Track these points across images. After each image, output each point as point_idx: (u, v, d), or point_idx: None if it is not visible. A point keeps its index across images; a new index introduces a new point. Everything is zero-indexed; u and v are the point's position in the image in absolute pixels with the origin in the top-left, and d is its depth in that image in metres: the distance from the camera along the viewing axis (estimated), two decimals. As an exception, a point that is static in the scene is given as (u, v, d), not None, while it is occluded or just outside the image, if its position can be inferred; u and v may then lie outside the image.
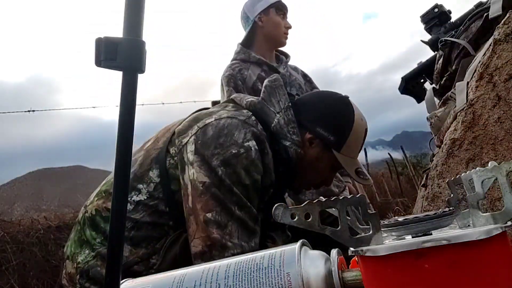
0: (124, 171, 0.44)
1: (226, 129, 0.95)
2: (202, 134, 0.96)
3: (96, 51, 0.44)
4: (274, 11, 1.79)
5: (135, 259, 0.94)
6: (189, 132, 0.98)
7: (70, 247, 1.03)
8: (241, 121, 0.98)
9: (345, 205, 0.37)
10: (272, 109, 1.04)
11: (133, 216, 0.96)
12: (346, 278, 0.40)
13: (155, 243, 0.96)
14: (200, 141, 0.94)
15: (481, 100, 0.77)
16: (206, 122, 0.98)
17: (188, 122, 1.02)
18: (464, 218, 0.41)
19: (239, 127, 0.96)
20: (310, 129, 1.04)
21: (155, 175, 0.98)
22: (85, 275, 0.96)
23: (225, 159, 0.91)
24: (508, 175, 0.36)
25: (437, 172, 0.83)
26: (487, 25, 0.95)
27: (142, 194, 0.97)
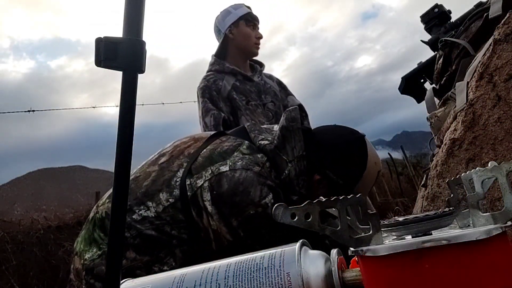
0: (124, 171, 0.44)
1: (242, 185, 0.93)
2: (217, 184, 0.95)
3: (96, 51, 0.44)
4: (243, 23, 1.86)
5: (138, 264, 0.95)
6: (203, 174, 0.97)
7: (80, 244, 1.04)
8: (256, 174, 0.96)
9: (345, 205, 0.37)
10: (284, 157, 1.01)
11: (138, 226, 0.97)
12: (346, 278, 0.40)
13: (159, 252, 0.96)
14: (215, 192, 0.94)
15: (481, 100, 0.77)
16: (220, 170, 0.96)
17: (202, 159, 1.00)
18: (464, 218, 0.41)
19: (255, 183, 0.94)
20: (320, 171, 1.03)
21: (164, 198, 0.98)
22: (90, 272, 0.97)
23: (244, 220, 0.92)
24: (508, 175, 0.36)
25: (437, 172, 0.83)
26: (487, 25, 0.95)
27: (150, 211, 0.98)
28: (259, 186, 0.94)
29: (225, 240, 0.94)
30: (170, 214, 0.97)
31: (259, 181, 0.95)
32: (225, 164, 0.97)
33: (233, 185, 0.94)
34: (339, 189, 1.02)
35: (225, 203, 0.92)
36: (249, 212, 0.92)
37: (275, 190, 0.97)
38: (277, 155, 1.01)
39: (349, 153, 1.05)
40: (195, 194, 0.96)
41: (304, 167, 1.01)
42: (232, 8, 1.88)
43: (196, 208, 0.96)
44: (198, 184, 0.97)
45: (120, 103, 0.44)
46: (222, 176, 0.95)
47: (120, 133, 0.44)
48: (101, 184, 18.37)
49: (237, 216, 0.92)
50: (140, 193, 1.00)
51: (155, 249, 0.97)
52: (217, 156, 1.01)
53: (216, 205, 0.93)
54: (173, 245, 0.97)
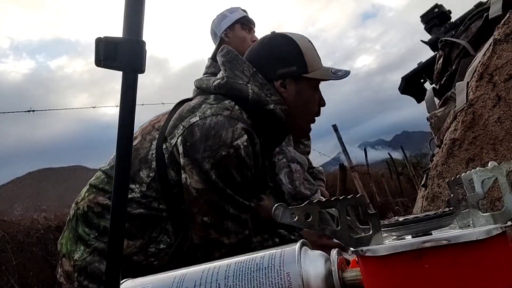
0: (124, 171, 0.44)
1: (213, 129, 0.95)
2: (190, 135, 0.95)
3: (96, 51, 0.44)
4: (239, 26, 1.87)
5: (133, 250, 0.95)
6: (175, 133, 0.98)
7: (65, 245, 1.03)
8: (226, 117, 0.97)
9: (345, 205, 0.37)
10: (240, 82, 1.05)
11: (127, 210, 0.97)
12: (346, 278, 0.40)
13: (151, 232, 0.97)
14: (188, 143, 0.95)
15: (481, 100, 0.77)
16: (191, 121, 0.98)
17: (173, 121, 1.02)
18: (464, 218, 0.41)
19: (226, 126, 0.95)
20: (275, 76, 1.07)
21: (145, 175, 0.98)
22: (83, 272, 0.96)
23: (216, 161, 0.92)
24: (508, 175, 0.36)
25: (437, 172, 0.83)
26: (487, 25, 0.95)
27: (135, 193, 0.98)
28: (231, 128, 0.95)
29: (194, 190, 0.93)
30: (154, 188, 0.97)
31: (230, 123, 0.96)
32: (195, 116, 0.99)
33: (205, 131, 0.95)
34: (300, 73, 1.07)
35: (198, 149, 0.93)
36: (221, 153, 0.92)
37: (248, 131, 0.98)
38: (233, 83, 1.05)
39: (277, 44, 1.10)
40: (172, 153, 0.97)
41: (262, 79, 1.05)
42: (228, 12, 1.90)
43: (175, 167, 0.96)
44: (172, 143, 0.97)
45: (120, 103, 0.44)
46: (193, 126, 0.96)
47: (120, 133, 0.44)
48: (101, 184, 18.35)
49: (209, 158, 0.92)
50: None
51: (147, 230, 0.97)
52: (186, 112, 1.03)
53: (189, 155, 0.94)
54: (163, 220, 0.97)
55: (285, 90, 1.07)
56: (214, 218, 0.93)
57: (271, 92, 1.04)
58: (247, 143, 0.95)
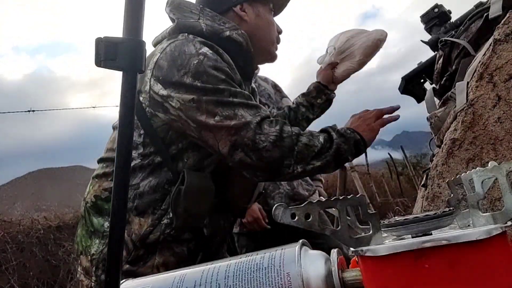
0: (124, 171, 0.44)
1: (176, 51, 0.96)
2: (158, 70, 0.96)
3: (96, 51, 0.44)
4: None
5: (148, 229, 0.94)
6: (146, 79, 0.98)
7: (80, 243, 1.03)
8: (182, 40, 0.99)
9: (345, 205, 0.37)
10: (191, 20, 1.06)
11: (133, 182, 0.97)
12: (346, 278, 0.40)
13: (161, 205, 0.96)
14: (161, 77, 0.95)
15: (481, 100, 0.77)
16: (154, 60, 0.98)
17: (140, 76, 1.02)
18: (464, 218, 0.41)
19: (185, 44, 0.97)
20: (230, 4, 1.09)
21: (137, 135, 0.99)
22: (101, 265, 0.96)
23: (193, 72, 0.93)
24: (508, 175, 0.36)
25: (437, 172, 0.83)
26: (487, 25, 0.95)
27: (134, 158, 0.98)
28: (191, 43, 0.97)
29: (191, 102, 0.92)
30: (149, 144, 0.98)
31: (188, 40, 0.98)
32: (155, 55, 1.00)
33: (169, 56, 0.95)
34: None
35: (172, 73, 0.94)
36: (193, 63, 0.93)
37: (207, 43, 0.99)
38: (185, 22, 1.05)
39: None
40: (151, 96, 0.97)
41: (210, 11, 1.07)
42: None
43: (160, 107, 0.96)
44: (147, 89, 0.97)
45: (120, 103, 0.44)
46: (158, 61, 0.97)
47: (120, 133, 0.44)
48: (101, 184, 18.35)
49: (186, 73, 0.93)
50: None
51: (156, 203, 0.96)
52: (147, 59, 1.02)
53: (167, 83, 0.94)
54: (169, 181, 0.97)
55: (245, 14, 1.10)
56: (223, 112, 0.91)
57: (223, 21, 1.06)
58: (212, 51, 0.97)
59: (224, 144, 0.91)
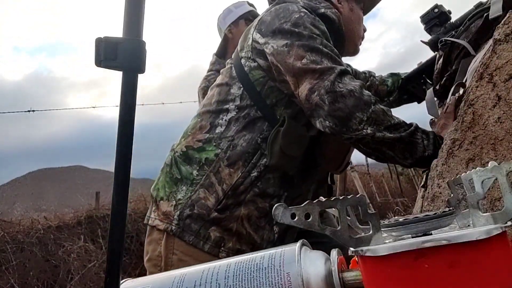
0: (124, 171, 0.44)
1: (280, 9, 1.04)
2: (262, 24, 1.04)
3: (96, 51, 0.44)
4: (243, 22, 1.83)
5: (239, 180, 0.99)
6: (248, 36, 1.06)
7: (162, 189, 1.06)
8: (287, 3, 1.06)
9: (345, 205, 0.37)
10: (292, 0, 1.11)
11: (227, 134, 1.02)
12: (346, 278, 0.40)
13: (251, 158, 1.01)
14: (263, 29, 1.03)
15: (481, 100, 0.77)
16: (258, 19, 1.07)
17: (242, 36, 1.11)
18: (464, 218, 0.41)
19: (289, 5, 1.05)
20: None
21: (236, 88, 1.05)
22: (188, 210, 0.99)
23: (293, 22, 0.99)
24: (508, 175, 0.36)
25: (437, 172, 0.83)
26: (487, 25, 0.95)
27: (231, 111, 1.04)
28: (294, 4, 1.05)
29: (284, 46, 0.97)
30: (247, 97, 1.03)
31: (291, 2, 1.07)
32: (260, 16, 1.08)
33: (274, 12, 1.04)
34: None
35: (273, 23, 1.01)
36: (294, 16, 1.00)
37: (308, 9, 1.05)
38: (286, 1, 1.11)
39: None
40: (253, 46, 1.04)
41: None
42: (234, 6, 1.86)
43: (261, 55, 1.02)
44: (249, 42, 1.05)
45: (120, 103, 0.44)
46: (262, 18, 1.06)
47: (120, 133, 0.44)
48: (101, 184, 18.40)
49: (286, 22, 0.99)
50: (213, 108, 1.07)
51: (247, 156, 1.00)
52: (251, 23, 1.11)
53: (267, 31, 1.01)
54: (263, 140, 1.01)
55: (340, 5, 1.16)
56: (310, 56, 0.95)
57: (319, 1, 1.12)
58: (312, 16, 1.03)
59: (304, 87, 0.94)
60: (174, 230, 0.99)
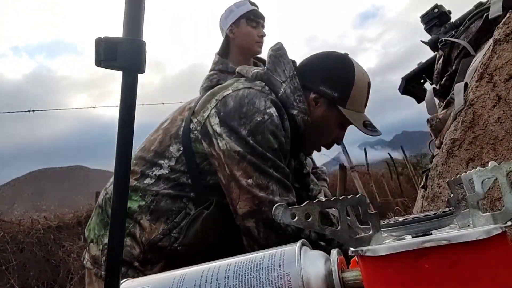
0: (124, 171, 0.44)
1: (246, 98, 0.99)
2: (223, 106, 0.99)
3: (96, 51, 0.44)
4: (245, 21, 1.83)
5: (158, 236, 0.97)
6: (208, 106, 1.01)
7: (93, 231, 1.05)
8: (258, 90, 1.02)
9: (345, 205, 0.37)
10: (278, 78, 1.07)
11: (154, 188, 0.99)
12: (346, 278, 0.40)
13: (174, 217, 0.98)
14: (222, 113, 0.98)
15: (481, 100, 0.77)
16: (224, 94, 1.01)
17: (205, 97, 1.06)
18: (464, 218, 0.41)
19: (258, 96, 0.99)
20: (314, 89, 1.07)
21: (175, 149, 1.02)
22: None
23: (252, 127, 0.95)
24: (508, 175, 0.36)
25: (437, 172, 0.83)
26: (487, 25, 0.95)
27: (164, 168, 1.01)
28: (263, 98, 0.99)
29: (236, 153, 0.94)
30: (183, 162, 1.00)
31: (261, 94, 1.01)
32: (228, 90, 1.03)
33: (239, 99, 0.98)
34: (336, 102, 1.06)
35: (233, 117, 0.96)
36: (256, 119, 0.95)
37: (277, 104, 1.01)
38: (271, 76, 1.07)
39: (335, 65, 1.10)
40: (204, 125, 0.99)
41: (298, 84, 1.06)
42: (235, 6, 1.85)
43: (207, 138, 0.98)
44: (205, 115, 1.00)
45: (120, 103, 0.44)
46: (226, 97, 1.00)
47: (120, 133, 0.44)
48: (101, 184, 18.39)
49: (245, 125, 0.95)
50: (150, 157, 1.04)
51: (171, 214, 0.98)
52: (218, 89, 1.06)
53: (225, 123, 0.96)
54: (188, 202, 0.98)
55: (315, 105, 1.07)
56: (258, 179, 0.93)
57: (300, 99, 1.05)
58: (277, 115, 0.98)
59: (244, 206, 0.94)
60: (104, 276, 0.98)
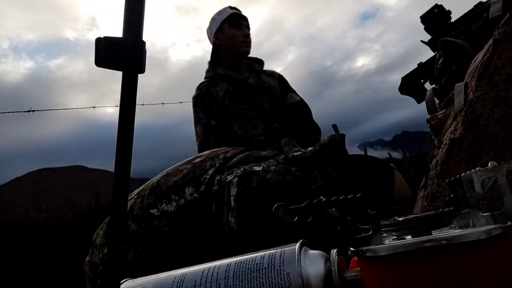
0: (124, 171, 0.44)
1: (270, 186, 0.94)
2: (246, 181, 0.95)
3: (96, 51, 0.44)
4: (227, 26, 1.85)
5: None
6: (234, 171, 0.98)
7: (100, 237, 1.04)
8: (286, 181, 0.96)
9: (345, 205, 0.37)
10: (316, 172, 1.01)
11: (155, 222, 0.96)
12: (346, 278, 0.40)
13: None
14: (243, 188, 0.94)
15: (481, 100, 0.77)
16: (253, 169, 0.97)
17: (237, 159, 1.02)
18: (464, 218, 0.41)
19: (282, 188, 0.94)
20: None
21: (189, 192, 0.98)
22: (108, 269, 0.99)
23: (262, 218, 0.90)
24: (508, 175, 0.36)
25: (437, 172, 0.83)
26: (487, 25, 0.95)
27: (171, 205, 0.98)
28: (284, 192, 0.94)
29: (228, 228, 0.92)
30: (190, 211, 0.96)
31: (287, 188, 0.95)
32: (259, 165, 0.98)
33: (263, 184, 0.93)
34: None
35: (249, 198, 0.92)
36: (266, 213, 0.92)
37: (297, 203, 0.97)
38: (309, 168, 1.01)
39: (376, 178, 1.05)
40: (222, 188, 0.96)
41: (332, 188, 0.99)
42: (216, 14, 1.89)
43: (218, 203, 0.95)
44: (227, 179, 0.97)
45: (120, 103, 0.44)
46: (253, 173, 0.96)
47: (120, 133, 0.44)
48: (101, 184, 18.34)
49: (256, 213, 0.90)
50: (167, 187, 1.01)
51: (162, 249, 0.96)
52: (253, 159, 1.02)
53: (239, 200, 0.92)
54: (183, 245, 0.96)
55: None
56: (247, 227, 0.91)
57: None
58: None
59: None
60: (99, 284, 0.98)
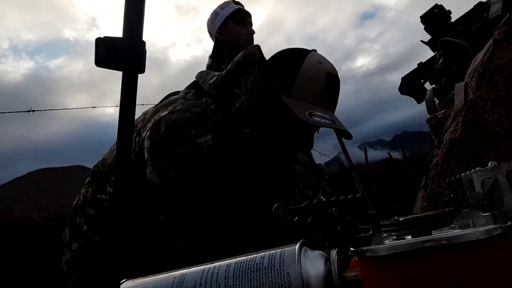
0: (124, 172, 0.44)
1: (177, 125, 0.92)
2: (156, 130, 0.94)
3: (96, 51, 0.44)
4: (232, 22, 1.80)
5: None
6: (147, 126, 0.98)
7: (67, 235, 1.09)
8: (194, 114, 0.94)
9: (345, 205, 0.37)
10: (237, 90, 0.98)
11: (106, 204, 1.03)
12: (346, 278, 0.40)
13: None
14: (154, 138, 0.94)
15: (481, 100, 0.77)
16: (160, 115, 0.96)
17: (150, 115, 1.02)
18: (464, 218, 0.41)
19: (191, 123, 0.92)
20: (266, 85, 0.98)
21: None
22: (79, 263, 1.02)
23: (176, 160, 0.90)
24: (508, 175, 0.36)
25: (437, 172, 0.83)
26: (487, 25, 0.95)
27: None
28: (195, 125, 0.92)
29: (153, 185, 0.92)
30: None
31: (196, 121, 0.93)
32: (166, 110, 0.97)
33: (169, 126, 0.92)
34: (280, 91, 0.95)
35: (160, 144, 0.92)
36: (181, 151, 0.90)
37: (216, 131, 0.94)
38: (228, 87, 0.99)
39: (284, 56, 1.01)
40: (142, 147, 0.96)
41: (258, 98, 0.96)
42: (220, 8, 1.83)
43: (143, 162, 0.96)
44: (143, 136, 0.97)
45: (120, 103, 0.44)
46: (161, 120, 0.95)
47: (120, 133, 0.44)
48: (101, 184, 18.32)
49: (169, 157, 0.90)
50: (105, 172, 1.06)
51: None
52: (162, 106, 1.01)
53: (151, 150, 0.93)
54: None
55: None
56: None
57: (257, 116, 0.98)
58: (212, 142, 0.92)
59: None
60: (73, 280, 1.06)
